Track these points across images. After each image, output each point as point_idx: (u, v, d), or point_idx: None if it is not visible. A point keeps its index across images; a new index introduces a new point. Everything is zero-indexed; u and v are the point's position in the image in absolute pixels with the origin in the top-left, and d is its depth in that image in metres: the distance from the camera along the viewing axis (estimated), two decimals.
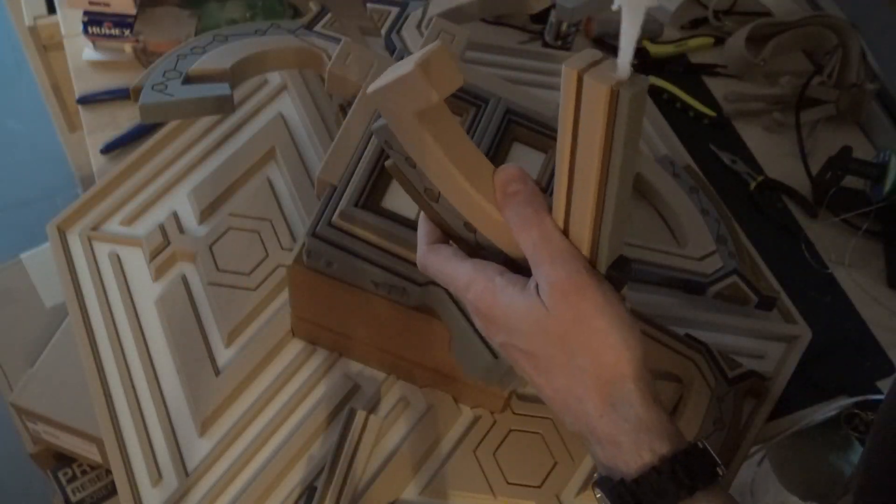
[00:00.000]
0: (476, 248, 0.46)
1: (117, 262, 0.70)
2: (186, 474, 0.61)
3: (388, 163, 0.46)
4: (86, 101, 0.85)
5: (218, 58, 0.64)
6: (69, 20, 0.89)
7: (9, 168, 1.85)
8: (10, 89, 1.98)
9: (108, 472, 0.97)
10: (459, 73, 0.40)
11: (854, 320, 0.82)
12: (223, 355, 0.66)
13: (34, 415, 0.84)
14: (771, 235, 0.86)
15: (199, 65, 0.63)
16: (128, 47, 0.85)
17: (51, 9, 0.97)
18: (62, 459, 0.95)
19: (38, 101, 1.14)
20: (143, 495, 0.60)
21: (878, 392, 0.77)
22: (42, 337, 0.90)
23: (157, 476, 0.61)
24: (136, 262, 0.71)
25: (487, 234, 0.45)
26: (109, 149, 0.81)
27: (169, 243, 0.70)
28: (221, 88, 0.61)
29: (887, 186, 0.88)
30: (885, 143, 0.96)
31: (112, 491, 0.96)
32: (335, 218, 0.54)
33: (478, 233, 0.45)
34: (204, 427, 0.63)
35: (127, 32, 0.84)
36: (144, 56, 0.86)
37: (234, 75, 0.64)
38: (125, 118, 0.83)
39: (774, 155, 0.94)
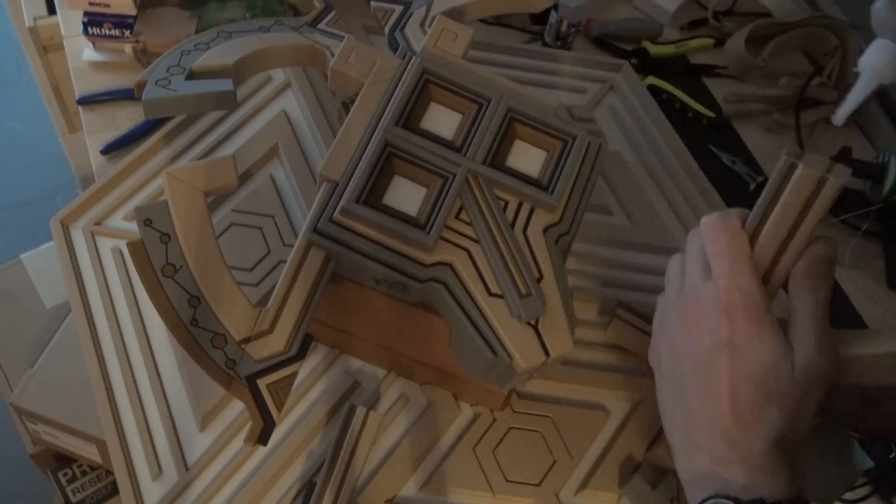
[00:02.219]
0: None
1: (120, 256, 0.70)
2: (186, 468, 0.61)
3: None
4: (86, 101, 0.85)
5: (221, 54, 0.64)
6: (69, 21, 0.89)
7: (9, 168, 1.85)
8: (11, 90, 1.98)
9: (108, 472, 0.97)
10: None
11: (854, 321, 0.82)
12: None
13: (34, 415, 0.84)
14: None
15: (203, 61, 0.63)
16: (128, 48, 0.85)
17: (51, 9, 0.97)
18: (62, 460, 0.95)
19: (39, 101, 1.14)
20: (143, 489, 0.60)
21: None
22: (42, 337, 0.90)
23: (157, 470, 0.61)
24: None
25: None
26: (109, 149, 0.81)
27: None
28: (224, 84, 0.61)
29: (887, 187, 0.88)
30: (884, 144, 0.96)
31: (112, 491, 0.96)
32: (336, 214, 0.54)
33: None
34: (204, 422, 0.63)
35: (127, 33, 0.84)
36: (144, 57, 0.86)
37: (237, 71, 0.64)
38: (125, 119, 0.83)
39: (774, 155, 0.93)
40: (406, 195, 0.56)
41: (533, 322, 0.52)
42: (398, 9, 0.69)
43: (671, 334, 0.51)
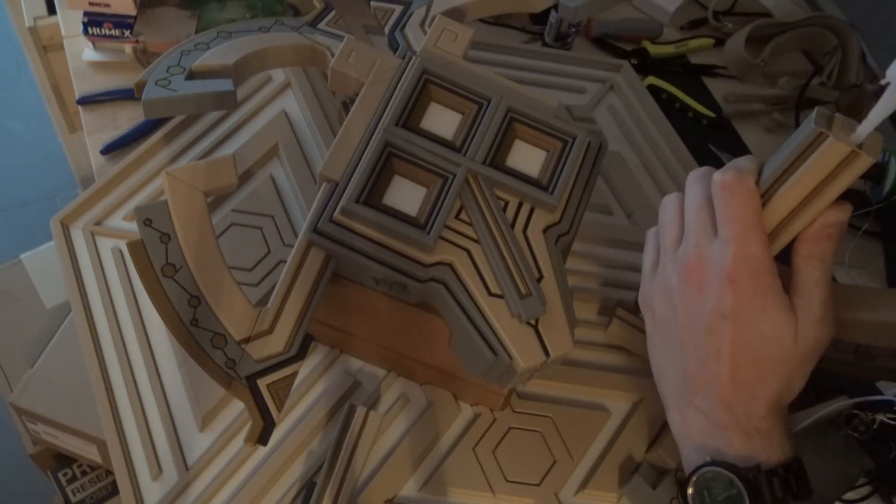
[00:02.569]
0: None
1: (120, 256, 0.70)
2: (186, 468, 0.61)
3: None
4: (86, 101, 0.85)
5: (221, 54, 0.64)
6: (69, 21, 0.89)
7: (9, 169, 1.85)
8: (11, 90, 1.98)
9: (108, 472, 0.97)
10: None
11: None
12: None
13: (34, 415, 0.84)
14: None
15: (203, 61, 0.63)
16: (128, 48, 0.85)
17: (51, 9, 0.97)
18: (62, 460, 0.95)
19: (39, 101, 1.14)
20: (143, 489, 0.60)
21: (878, 392, 0.77)
22: (42, 337, 0.90)
23: (157, 470, 0.61)
24: None
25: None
26: (109, 149, 0.81)
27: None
28: (224, 84, 0.61)
29: (887, 187, 0.88)
30: (885, 144, 0.96)
31: (112, 492, 0.96)
32: (336, 214, 0.54)
33: None
34: (204, 422, 0.63)
35: (127, 33, 0.84)
36: (144, 57, 0.86)
37: (237, 71, 0.64)
38: (125, 119, 0.83)
39: None
40: (406, 195, 0.56)
41: (533, 322, 0.52)
42: (398, 9, 0.69)
43: (668, 285, 0.50)
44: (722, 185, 0.47)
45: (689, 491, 0.46)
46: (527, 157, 0.59)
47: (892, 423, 0.73)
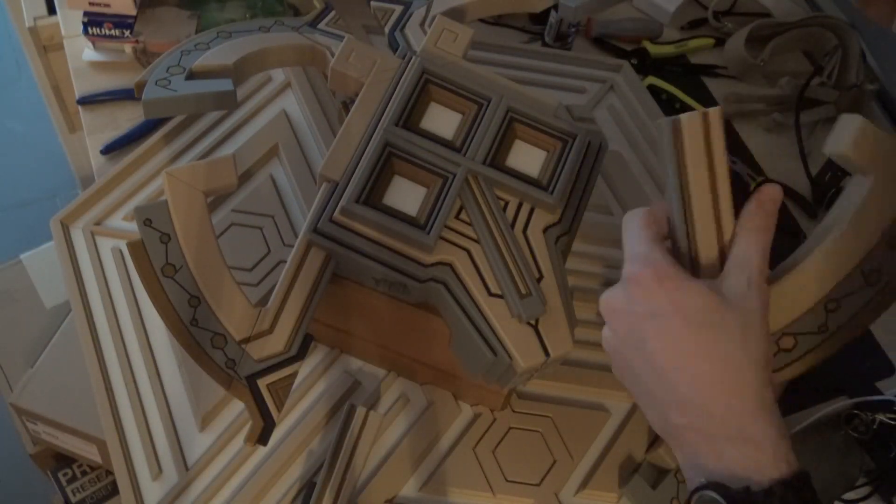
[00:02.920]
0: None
1: (120, 256, 0.70)
2: (186, 468, 0.61)
3: None
4: (86, 101, 0.85)
5: (221, 54, 0.64)
6: (69, 21, 0.89)
7: (9, 168, 1.85)
8: (10, 90, 1.98)
9: (108, 472, 0.97)
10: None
11: None
12: None
13: (34, 415, 0.83)
14: None
15: (203, 61, 0.63)
16: (128, 48, 0.85)
17: (51, 9, 0.97)
18: (62, 460, 0.95)
19: (39, 101, 1.14)
20: (143, 489, 0.60)
21: (878, 392, 0.77)
22: (42, 337, 0.90)
23: (157, 470, 0.61)
24: None
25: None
26: (109, 149, 0.81)
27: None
28: (224, 84, 0.61)
29: None
30: None
31: (112, 491, 0.96)
32: (336, 214, 0.54)
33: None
34: (204, 422, 0.63)
35: (127, 33, 0.84)
36: (144, 57, 0.86)
37: (237, 71, 0.64)
38: (125, 119, 0.83)
39: (774, 156, 0.94)
40: (406, 195, 0.56)
41: (533, 322, 0.52)
42: (398, 9, 0.69)
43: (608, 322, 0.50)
44: (623, 225, 0.51)
45: None
46: (527, 157, 0.59)
47: (892, 423, 0.73)
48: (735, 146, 0.95)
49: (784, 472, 0.40)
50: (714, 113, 0.47)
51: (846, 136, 0.49)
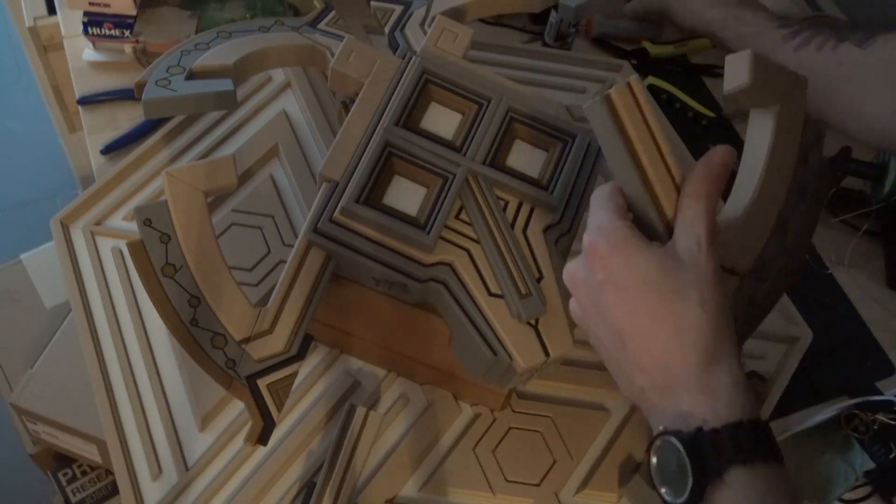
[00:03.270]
0: None
1: (120, 256, 0.70)
2: (186, 468, 0.61)
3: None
4: (86, 101, 0.85)
5: (221, 54, 0.64)
6: (69, 21, 0.89)
7: (9, 168, 1.85)
8: (10, 90, 1.98)
9: (108, 472, 0.96)
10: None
11: (854, 321, 0.82)
12: None
13: (34, 415, 0.83)
14: None
15: (203, 61, 0.63)
16: (128, 48, 0.85)
17: (51, 9, 0.97)
18: (62, 460, 0.95)
19: (39, 101, 1.14)
20: (143, 489, 0.60)
21: (879, 393, 0.77)
22: (42, 337, 0.89)
23: (157, 470, 0.61)
24: None
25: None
26: (109, 149, 0.81)
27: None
28: (224, 84, 0.61)
29: (887, 187, 0.88)
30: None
31: (112, 492, 0.96)
32: (336, 214, 0.54)
33: None
34: (204, 422, 0.63)
35: (127, 33, 0.84)
36: (144, 57, 0.86)
37: (237, 71, 0.64)
38: (125, 119, 0.83)
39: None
40: (406, 195, 0.56)
41: (533, 322, 0.52)
42: (398, 9, 0.69)
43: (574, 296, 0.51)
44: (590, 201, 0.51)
45: (653, 462, 0.44)
46: (527, 157, 0.59)
47: (892, 423, 0.73)
48: (735, 146, 0.94)
49: (737, 416, 0.42)
50: (635, 80, 0.48)
51: (741, 68, 0.49)
